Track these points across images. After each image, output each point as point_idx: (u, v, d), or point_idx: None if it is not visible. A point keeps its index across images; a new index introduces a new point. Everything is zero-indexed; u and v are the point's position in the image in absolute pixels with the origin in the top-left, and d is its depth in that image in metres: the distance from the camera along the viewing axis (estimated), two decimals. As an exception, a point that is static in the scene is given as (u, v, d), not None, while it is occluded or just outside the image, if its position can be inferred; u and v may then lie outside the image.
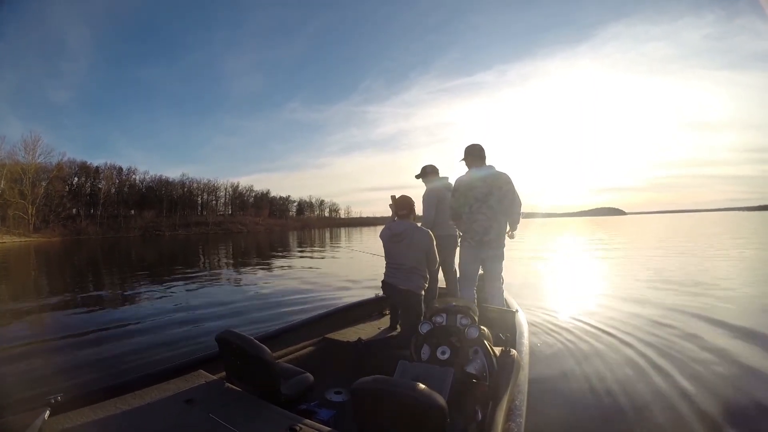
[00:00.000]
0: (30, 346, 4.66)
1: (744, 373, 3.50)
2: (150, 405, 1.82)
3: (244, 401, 1.87)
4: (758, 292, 7.00)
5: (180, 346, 4.36)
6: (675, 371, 3.51)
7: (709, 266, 10.32)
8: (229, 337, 2.07)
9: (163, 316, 5.93)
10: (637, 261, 12.31)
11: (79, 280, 11.97)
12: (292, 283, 9.38)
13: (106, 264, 18.04)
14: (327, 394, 2.54)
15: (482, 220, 3.51)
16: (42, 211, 59.86)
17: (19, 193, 57.11)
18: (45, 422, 1.56)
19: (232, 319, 5.66)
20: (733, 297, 6.51)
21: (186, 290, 8.70)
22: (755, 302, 6.23)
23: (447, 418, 1.44)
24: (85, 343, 4.73)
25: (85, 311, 6.78)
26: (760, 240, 18.83)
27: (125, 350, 4.31)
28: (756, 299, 6.44)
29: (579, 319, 5.26)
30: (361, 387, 1.56)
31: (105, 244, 38.71)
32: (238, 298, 7.44)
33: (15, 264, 19.25)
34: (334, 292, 7.76)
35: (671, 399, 3.00)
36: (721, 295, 6.61)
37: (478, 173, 3.58)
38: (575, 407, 2.90)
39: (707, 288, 7.35)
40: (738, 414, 2.77)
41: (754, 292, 7.06)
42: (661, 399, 3.01)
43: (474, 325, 2.35)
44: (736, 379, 3.39)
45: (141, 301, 7.55)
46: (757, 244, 16.58)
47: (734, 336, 4.50)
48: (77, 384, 3.15)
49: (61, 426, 1.59)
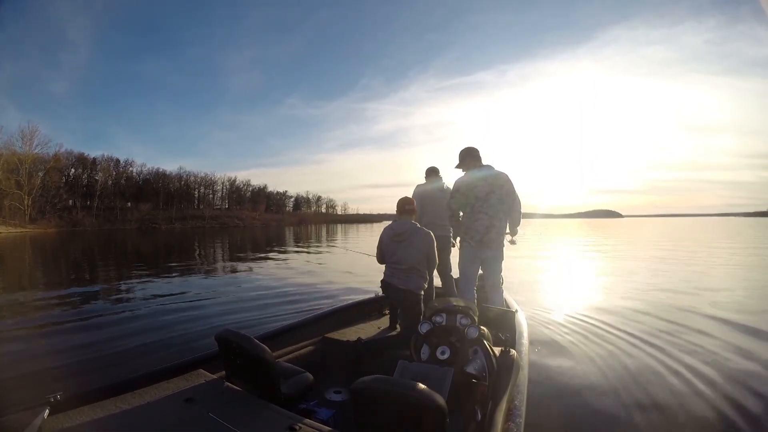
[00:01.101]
0: (18, 343, 4.61)
1: (743, 371, 3.56)
2: (149, 404, 1.81)
3: (243, 400, 1.87)
4: (746, 294, 7.25)
5: (178, 344, 4.35)
6: (675, 371, 3.54)
7: (699, 270, 10.63)
8: (229, 337, 2.07)
9: (157, 315, 5.86)
10: (633, 263, 12.59)
11: (73, 273, 11.85)
12: (291, 278, 9.35)
13: (102, 256, 17.97)
14: (326, 394, 2.54)
15: (483, 219, 3.51)
16: (38, 202, 59.51)
17: (15, 183, 56.79)
18: (44, 421, 1.56)
19: (230, 317, 5.64)
20: (724, 298, 6.72)
21: (181, 286, 8.61)
22: (746, 302, 6.47)
23: (446, 417, 1.44)
24: (79, 338, 4.68)
25: (79, 306, 6.71)
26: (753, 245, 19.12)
27: (121, 348, 4.27)
28: (745, 300, 6.71)
29: (579, 319, 5.30)
30: (360, 387, 1.55)
31: (101, 236, 38.57)
32: (235, 296, 7.40)
33: (10, 254, 19.15)
34: (331, 289, 7.77)
35: (671, 399, 3.03)
36: (712, 297, 6.81)
37: (478, 173, 3.60)
38: (575, 407, 2.92)
39: (700, 289, 7.56)
40: (738, 415, 2.80)
41: (742, 293, 7.33)
42: (660, 399, 3.03)
43: (474, 325, 2.35)
44: (736, 376, 3.43)
45: (135, 297, 7.46)
46: (749, 249, 16.88)
47: (731, 332, 4.68)
48: (73, 382, 3.14)
49: (60, 425, 1.59)
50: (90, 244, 26.31)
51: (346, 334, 3.31)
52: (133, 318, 5.72)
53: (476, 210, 3.55)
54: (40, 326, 5.37)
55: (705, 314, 5.57)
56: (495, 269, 3.62)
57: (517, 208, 3.60)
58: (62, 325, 5.36)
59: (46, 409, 1.61)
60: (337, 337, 3.24)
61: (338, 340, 3.20)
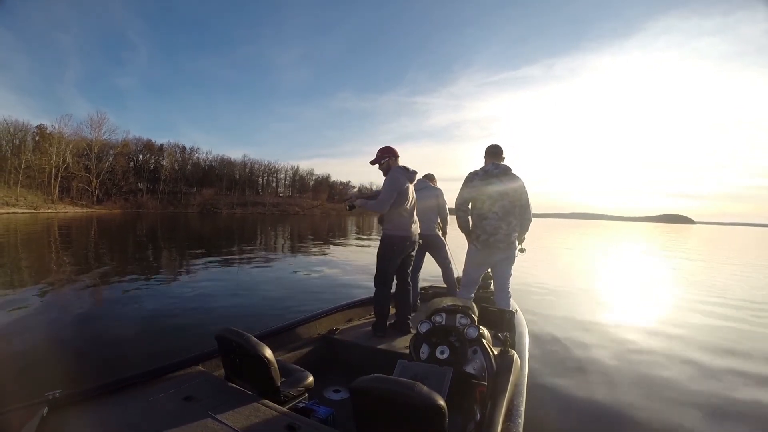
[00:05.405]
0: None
1: (742, 380, 3.57)
2: (149, 402, 1.82)
3: (243, 399, 1.87)
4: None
5: (181, 342, 4.24)
6: (675, 372, 3.63)
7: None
8: (228, 335, 2.05)
9: (171, 307, 5.70)
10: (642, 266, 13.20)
11: (106, 256, 11.80)
12: (313, 274, 8.98)
13: (150, 237, 18.95)
14: (326, 393, 2.60)
15: (492, 219, 3.45)
16: (105, 185, 64.16)
17: (84, 167, 61.29)
18: (43, 418, 1.57)
19: (233, 314, 5.50)
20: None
21: (209, 273, 8.60)
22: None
23: (445, 417, 1.43)
24: (76, 333, 4.56)
25: (91, 288, 6.80)
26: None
27: (119, 345, 4.18)
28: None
29: (579, 319, 5.43)
30: (360, 386, 1.55)
31: (162, 218, 39.88)
32: (260, 287, 7.26)
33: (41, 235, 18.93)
34: (341, 286, 7.51)
35: (671, 400, 3.07)
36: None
37: (495, 170, 3.50)
38: (574, 408, 2.94)
39: (713, 294, 7.69)
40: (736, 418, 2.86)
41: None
42: (661, 400, 3.08)
43: (473, 325, 2.33)
44: (732, 384, 3.45)
45: (154, 284, 7.43)
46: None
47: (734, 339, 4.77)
48: (75, 378, 2.97)
49: (59, 422, 1.61)
50: (138, 226, 27.25)
51: (345, 333, 3.31)
52: (137, 311, 5.52)
53: (486, 209, 3.47)
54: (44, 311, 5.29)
55: (718, 318, 5.79)
56: (505, 273, 3.54)
57: (529, 211, 3.51)
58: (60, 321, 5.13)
59: (45, 406, 1.63)
60: (337, 336, 3.24)
61: (338, 339, 3.21)
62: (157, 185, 73.68)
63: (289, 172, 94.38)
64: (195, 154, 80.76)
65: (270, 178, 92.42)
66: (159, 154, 76.00)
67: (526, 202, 3.45)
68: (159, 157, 76.10)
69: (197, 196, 75.07)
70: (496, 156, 3.58)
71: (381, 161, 3.40)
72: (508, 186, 3.41)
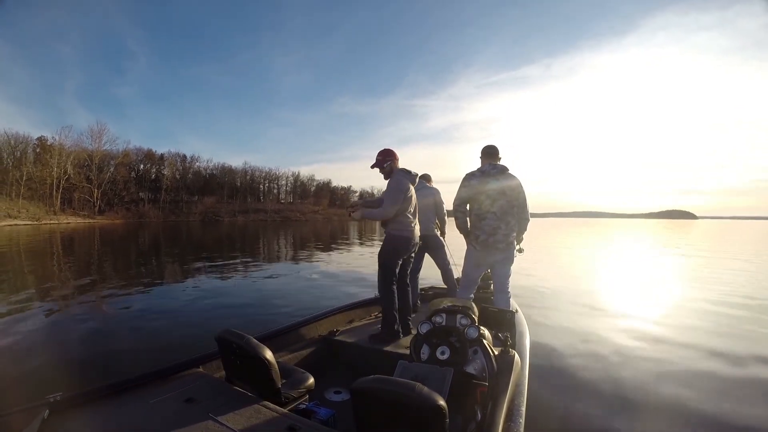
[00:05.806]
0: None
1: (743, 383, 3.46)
2: (149, 404, 1.83)
3: (243, 401, 1.87)
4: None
5: (181, 344, 4.25)
6: (676, 373, 3.58)
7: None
8: (229, 337, 2.05)
9: (160, 313, 5.61)
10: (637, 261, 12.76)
11: (108, 263, 11.92)
12: (315, 278, 8.89)
13: (152, 246, 18.95)
14: (326, 394, 2.61)
15: (491, 219, 3.44)
16: (107, 195, 64.73)
17: (85, 177, 61.92)
18: (44, 421, 1.58)
19: (234, 316, 5.49)
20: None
21: (206, 280, 8.48)
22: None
23: (446, 418, 1.43)
24: (77, 335, 4.61)
25: (92, 296, 6.68)
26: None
27: (119, 347, 4.21)
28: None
29: (580, 318, 5.37)
30: (360, 387, 1.55)
31: (164, 227, 40.07)
32: (254, 293, 7.15)
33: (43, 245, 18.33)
34: (340, 289, 7.43)
35: (672, 401, 3.04)
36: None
37: (492, 170, 3.51)
38: (575, 408, 2.92)
39: (714, 291, 7.54)
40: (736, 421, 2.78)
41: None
42: (661, 401, 3.05)
43: (474, 326, 2.33)
44: (737, 387, 3.34)
45: (155, 288, 7.52)
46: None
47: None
48: (75, 381, 3.05)
49: (60, 425, 1.61)
50: (141, 236, 26.95)
51: (346, 335, 3.31)
52: (135, 313, 5.59)
53: (485, 209, 3.47)
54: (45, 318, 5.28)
55: (716, 319, 5.57)
56: (504, 273, 3.53)
57: (526, 210, 3.51)
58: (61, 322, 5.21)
59: (46, 409, 1.63)
60: (338, 337, 3.24)
61: (338, 340, 3.21)
62: (158, 195, 74.19)
63: (290, 178, 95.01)
64: (196, 162, 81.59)
65: (271, 184, 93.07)
66: (160, 163, 76.69)
67: (524, 202, 3.45)
68: (160, 166, 76.84)
69: (199, 204, 75.60)
70: (493, 156, 3.59)
71: (383, 164, 3.40)
72: (505, 185, 3.41)
